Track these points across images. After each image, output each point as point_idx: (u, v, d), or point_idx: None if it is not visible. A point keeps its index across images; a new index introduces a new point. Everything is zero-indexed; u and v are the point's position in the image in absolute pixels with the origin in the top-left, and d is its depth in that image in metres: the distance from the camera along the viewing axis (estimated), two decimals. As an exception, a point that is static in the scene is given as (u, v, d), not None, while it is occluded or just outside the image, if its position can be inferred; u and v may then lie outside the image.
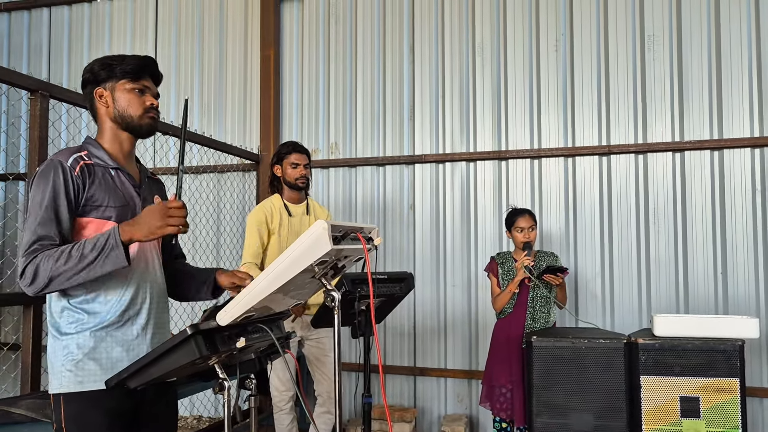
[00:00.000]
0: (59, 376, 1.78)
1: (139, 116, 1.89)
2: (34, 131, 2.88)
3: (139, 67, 1.89)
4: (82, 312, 1.80)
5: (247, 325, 1.78)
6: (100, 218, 1.80)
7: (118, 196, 1.85)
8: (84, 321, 1.79)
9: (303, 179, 3.59)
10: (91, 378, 1.77)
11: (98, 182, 1.82)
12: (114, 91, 1.88)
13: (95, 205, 1.80)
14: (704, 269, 4.20)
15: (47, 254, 1.68)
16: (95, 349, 1.79)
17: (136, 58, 1.90)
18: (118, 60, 1.88)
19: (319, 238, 1.59)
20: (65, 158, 1.79)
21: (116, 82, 1.87)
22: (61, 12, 5.79)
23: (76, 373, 1.77)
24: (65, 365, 1.77)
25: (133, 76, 1.87)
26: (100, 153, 1.87)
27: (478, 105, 4.70)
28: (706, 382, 3.02)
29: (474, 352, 4.60)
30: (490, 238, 4.59)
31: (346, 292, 2.69)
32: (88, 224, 1.80)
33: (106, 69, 1.87)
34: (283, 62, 5.18)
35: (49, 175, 1.75)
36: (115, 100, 1.88)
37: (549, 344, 3.21)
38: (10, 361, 4.96)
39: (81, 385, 1.76)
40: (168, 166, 5.21)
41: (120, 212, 1.83)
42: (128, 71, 1.87)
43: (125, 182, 1.90)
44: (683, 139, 4.28)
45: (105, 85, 1.88)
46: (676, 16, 4.35)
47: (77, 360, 1.77)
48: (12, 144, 5.61)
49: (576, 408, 3.14)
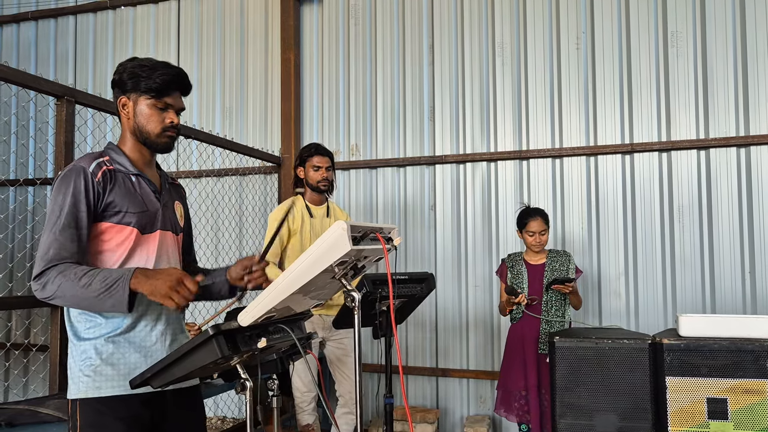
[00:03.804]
0: (77, 381, 1.78)
1: (157, 134, 1.88)
2: (60, 136, 2.94)
3: (165, 84, 1.85)
4: (100, 316, 1.80)
5: (269, 326, 1.79)
6: (119, 223, 1.81)
7: (138, 202, 1.85)
8: (102, 326, 1.80)
9: (324, 182, 3.59)
10: (109, 384, 1.77)
11: (119, 188, 1.82)
12: (136, 104, 1.86)
13: (115, 210, 1.80)
14: (731, 268, 4.13)
15: (61, 271, 1.68)
16: (113, 354, 1.79)
17: (164, 73, 1.86)
18: (147, 72, 1.84)
19: (339, 238, 1.59)
20: (87, 164, 1.80)
21: (139, 95, 1.85)
22: (87, 19, 5.90)
23: (95, 378, 1.77)
24: (83, 370, 1.78)
25: (156, 93, 1.85)
26: (122, 159, 1.88)
27: (498, 104, 4.68)
28: (734, 384, 2.96)
29: (496, 353, 4.57)
30: (511, 237, 4.55)
31: (367, 293, 2.69)
32: (107, 229, 1.81)
33: (132, 79, 1.85)
34: (303, 65, 5.21)
35: (70, 180, 1.76)
36: (136, 113, 1.87)
37: (572, 345, 3.17)
38: (39, 361, 5.07)
39: (99, 391, 1.76)
40: (190, 170, 5.28)
41: (139, 218, 1.84)
42: (152, 88, 1.84)
43: (146, 188, 1.90)
44: (708, 136, 4.21)
45: (129, 95, 1.87)
46: (700, 12, 4.28)
47: (95, 365, 1.77)
48: (39, 149, 5.73)
49: (600, 409, 3.10)
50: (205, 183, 5.24)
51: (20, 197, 5.82)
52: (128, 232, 1.82)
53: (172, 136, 1.91)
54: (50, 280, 1.68)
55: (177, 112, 1.91)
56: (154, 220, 1.89)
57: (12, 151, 5.88)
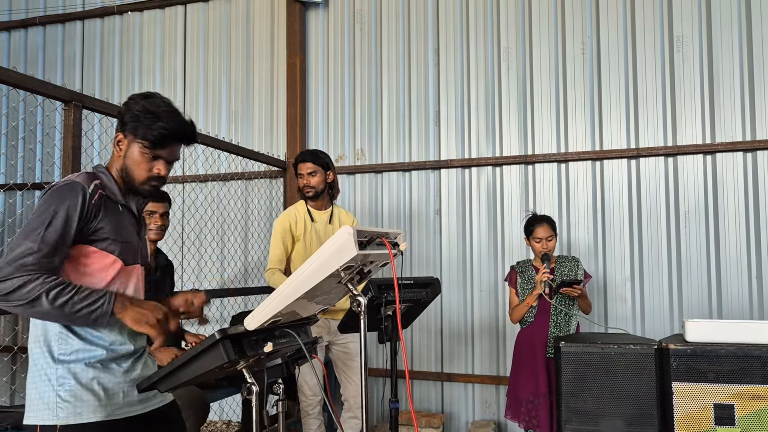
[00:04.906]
0: (53, 406, 1.71)
1: (141, 182, 1.84)
2: (67, 140, 2.96)
3: (162, 138, 1.79)
4: (80, 340, 1.76)
5: (275, 330, 1.79)
6: (104, 250, 1.78)
7: (123, 232, 1.83)
8: (80, 350, 1.76)
9: (307, 188, 3.61)
10: (89, 409, 1.73)
11: (110, 214, 1.80)
12: (130, 146, 1.82)
13: (103, 236, 1.77)
14: (738, 273, 4.11)
15: (44, 281, 1.61)
16: (92, 379, 1.76)
17: (164, 127, 1.79)
18: (149, 121, 1.78)
19: (345, 243, 1.60)
20: (86, 183, 1.76)
21: (135, 139, 1.80)
22: (94, 24, 5.93)
23: (74, 404, 1.72)
24: (61, 396, 1.72)
25: (150, 144, 1.79)
26: (113, 186, 1.85)
27: (503, 109, 4.68)
28: (742, 389, 2.94)
29: (502, 357, 4.56)
30: (517, 242, 4.55)
31: (373, 298, 2.69)
32: (92, 254, 1.77)
33: (133, 122, 1.80)
34: (309, 69, 5.23)
35: (69, 195, 1.71)
36: (127, 155, 1.82)
37: (578, 350, 3.16)
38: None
39: (80, 417, 1.71)
40: (196, 174, 5.29)
41: (123, 248, 1.82)
42: (148, 138, 1.78)
43: (129, 219, 1.90)
44: (714, 141, 4.20)
45: (126, 135, 1.82)
46: (705, 15, 4.28)
47: (75, 390, 1.72)
48: (47, 153, 5.76)
49: (606, 414, 3.09)
50: (210, 187, 5.25)
51: (27, 201, 5.85)
52: (112, 260, 1.80)
53: (156, 186, 1.87)
54: (28, 288, 1.59)
55: (169, 163, 1.86)
56: (136, 254, 1.89)
57: (20, 155, 5.91)
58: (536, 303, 3.58)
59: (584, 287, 3.58)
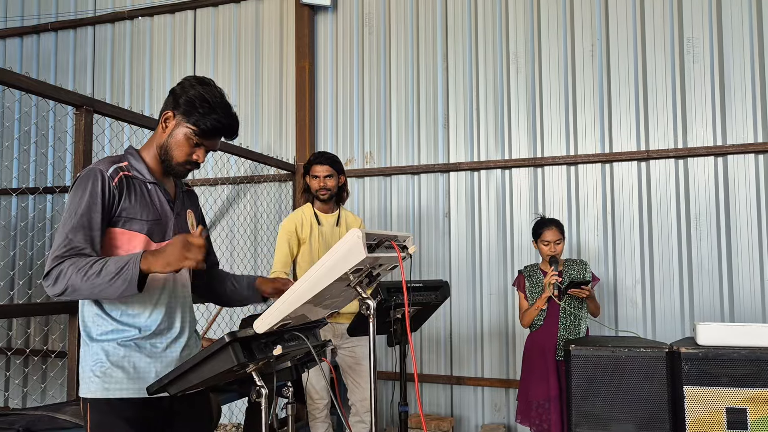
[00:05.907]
0: (87, 381, 1.80)
1: (178, 163, 1.89)
2: (79, 145, 2.98)
3: (215, 130, 1.85)
4: (113, 321, 1.82)
5: (284, 333, 1.79)
6: (131, 230, 1.82)
7: (151, 210, 1.86)
8: (114, 330, 1.82)
9: (323, 191, 3.59)
10: (116, 386, 1.79)
11: (134, 195, 1.84)
12: (177, 126, 1.86)
13: (129, 217, 1.81)
14: (750, 276, 4.07)
15: (73, 262, 1.68)
16: (123, 357, 1.81)
17: (218, 120, 1.84)
18: (205, 110, 1.82)
19: (354, 246, 1.60)
20: (105, 167, 1.81)
21: (185, 121, 1.84)
22: (105, 30, 5.98)
23: (104, 379, 1.79)
24: (94, 371, 1.80)
25: (200, 132, 1.84)
26: (140, 166, 1.89)
27: (512, 112, 4.67)
28: (754, 393, 2.91)
29: (511, 360, 4.55)
30: (526, 245, 4.53)
31: (382, 301, 2.69)
32: (120, 235, 1.81)
33: (188, 106, 1.83)
34: (317, 73, 5.24)
35: (87, 182, 1.77)
36: (172, 134, 1.87)
37: (588, 353, 3.14)
38: (57, 368, 5.12)
39: (107, 392, 1.78)
40: (206, 177, 5.32)
41: (152, 227, 1.85)
42: (199, 126, 1.83)
43: (161, 197, 1.92)
44: (726, 143, 4.17)
45: (177, 115, 1.86)
46: (716, 17, 4.25)
47: (105, 367, 1.79)
48: (58, 158, 5.81)
49: (617, 418, 3.07)
50: (220, 191, 5.28)
51: (39, 205, 5.90)
52: (139, 239, 1.83)
53: (189, 170, 1.93)
54: (61, 273, 1.67)
55: (207, 151, 1.92)
56: (166, 229, 1.90)
57: (32, 159, 5.97)
58: (546, 306, 3.57)
59: (593, 289, 3.56)
